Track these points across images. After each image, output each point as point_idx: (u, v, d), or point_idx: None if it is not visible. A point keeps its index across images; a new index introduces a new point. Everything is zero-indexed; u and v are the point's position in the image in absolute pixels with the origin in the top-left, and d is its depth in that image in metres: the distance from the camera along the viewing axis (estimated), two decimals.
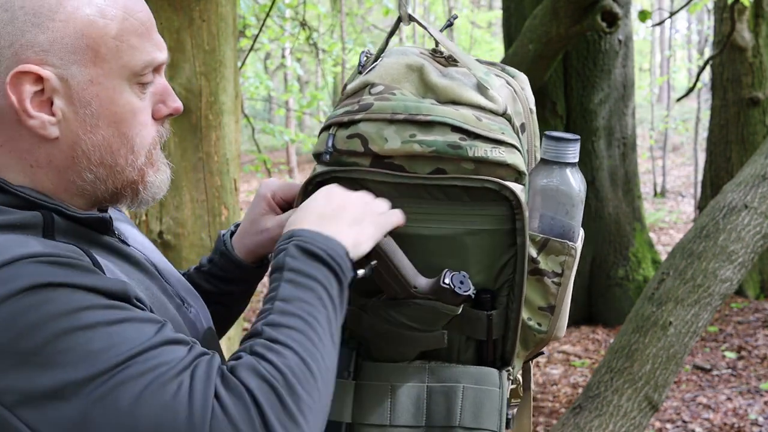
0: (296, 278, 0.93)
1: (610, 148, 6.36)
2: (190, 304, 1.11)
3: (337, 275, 0.96)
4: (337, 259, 0.97)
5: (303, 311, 0.91)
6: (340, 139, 1.09)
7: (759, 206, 3.17)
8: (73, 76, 0.91)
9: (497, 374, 1.14)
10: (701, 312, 3.14)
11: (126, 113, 0.95)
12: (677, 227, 10.26)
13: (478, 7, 20.82)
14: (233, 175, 2.89)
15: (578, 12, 4.96)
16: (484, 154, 1.06)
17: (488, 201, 1.08)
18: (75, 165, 0.94)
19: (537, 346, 1.21)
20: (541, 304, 1.17)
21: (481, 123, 1.07)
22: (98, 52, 0.92)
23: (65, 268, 0.84)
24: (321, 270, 0.95)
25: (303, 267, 0.94)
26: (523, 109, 1.17)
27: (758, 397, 4.74)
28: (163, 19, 2.64)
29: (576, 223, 1.16)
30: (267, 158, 6.73)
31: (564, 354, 5.73)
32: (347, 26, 10.50)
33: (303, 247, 0.96)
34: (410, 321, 1.11)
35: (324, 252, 0.96)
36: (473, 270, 1.11)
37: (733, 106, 6.77)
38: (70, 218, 0.94)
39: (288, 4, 6.62)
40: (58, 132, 0.92)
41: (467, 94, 1.11)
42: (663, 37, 20.78)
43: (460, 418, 1.12)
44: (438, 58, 1.20)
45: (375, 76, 1.15)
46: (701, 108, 11.56)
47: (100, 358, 0.80)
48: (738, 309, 6.39)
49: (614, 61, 6.29)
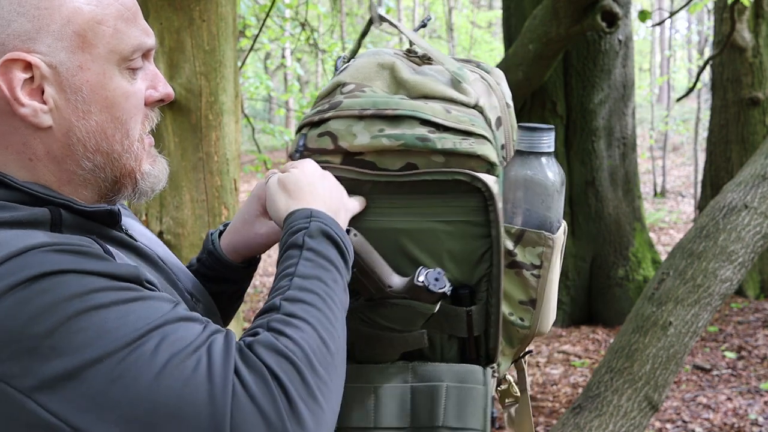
0: (315, 258, 0.95)
1: (610, 148, 6.36)
2: (198, 300, 1.11)
3: (346, 262, 0.98)
4: (348, 248, 0.99)
5: (321, 290, 0.91)
6: (311, 138, 1.11)
7: (759, 206, 3.17)
8: (62, 63, 0.91)
9: (481, 371, 1.13)
10: (701, 312, 3.14)
11: (118, 97, 0.95)
12: (677, 227, 10.26)
13: (478, 7, 20.82)
14: (233, 175, 2.89)
15: (578, 12, 4.96)
16: (453, 145, 1.06)
17: (460, 193, 1.08)
18: (72, 153, 0.94)
19: (522, 343, 1.20)
20: (521, 298, 1.16)
21: (450, 115, 1.07)
22: (85, 37, 0.92)
23: (75, 254, 0.83)
24: (336, 256, 0.97)
25: (322, 249, 0.96)
26: (499, 103, 1.17)
27: (758, 397, 4.74)
28: (163, 19, 2.64)
29: (554, 213, 1.15)
30: (267, 158, 6.73)
31: (564, 354, 5.73)
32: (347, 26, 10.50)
33: (323, 230, 0.98)
34: (388, 322, 1.11)
35: (339, 238, 0.98)
36: (449, 264, 1.11)
37: (733, 106, 6.77)
38: (78, 213, 0.94)
39: (288, 4, 6.62)
40: (51, 120, 0.92)
41: (438, 88, 1.11)
42: (663, 37, 20.78)
43: (443, 417, 1.12)
44: (412, 57, 1.20)
45: (346, 75, 1.16)
46: (701, 108, 11.56)
47: (115, 335, 0.79)
48: (738, 309, 6.39)
49: (614, 61, 6.28)
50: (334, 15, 10.17)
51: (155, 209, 2.79)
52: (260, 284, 8.13)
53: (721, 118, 6.94)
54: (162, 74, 2.75)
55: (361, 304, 1.12)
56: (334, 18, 10.18)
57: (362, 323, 1.12)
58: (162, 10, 2.63)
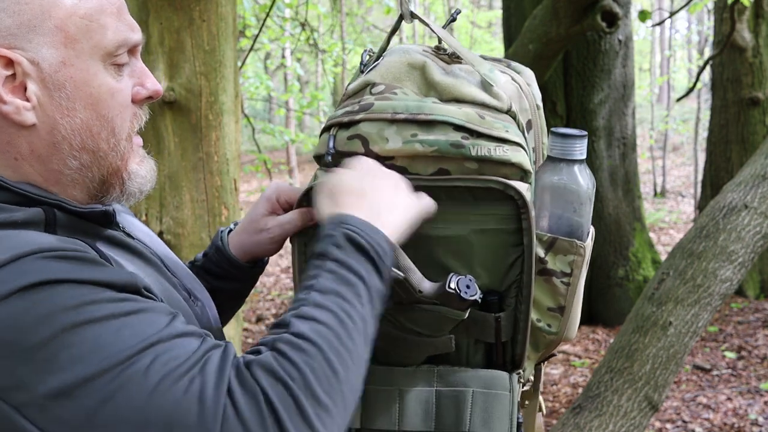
0: (338, 270, 0.90)
1: (610, 148, 6.36)
2: (197, 298, 1.10)
3: (380, 272, 0.93)
4: (382, 255, 0.94)
5: (338, 307, 0.87)
6: (340, 140, 1.08)
7: (759, 206, 3.17)
8: (44, 59, 0.89)
9: (507, 378, 1.12)
10: (701, 312, 3.14)
11: (103, 94, 0.93)
12: (677, 227, 10.26)
13: (478, 7, 20.81)
14: (233, 175, 2.89)
15: (578, 12, 4.96)
16: (488, 153, 1.04)
17: (493, 200, 1.06)
18: (57, 152, 0.92)
19: (548, 348, 1.19)
20: (550, 305, 1.15)
21: (485, 121, 1.05)
22: (68, 32, 0.90)
23: (72, 262, 0.82)
24: (365, 265, 0.92)
25: (347, 259, 0.91)
26: (529, 106, 1.15)
27: (758, 397, 4.74)
28: (163, 19, 2.64)
29: (585, 221, 1.14)
30: (267, 158, 6.72)
31: (564, 354, 5.73)
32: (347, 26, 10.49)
33: (351, 237, 0.93)
34: (416, 326, 1.10)
35: (371, 246, 0.93)
36: (479, 271, 1.09)
37: (733, 106, 6.77)
38: (72, 213, 0.92)
39: (288, 4, 6.61)
40: (35, 118, 0.90)
41: (470, 91, 1.09)
42: (663, 37, 20.77)
43: (469, 424, 1.10)
44: (441, 55, 1.17)
45: (376, 75, 1.13)
46: (701, 108, 11.55)
47: (108, 352, 0.78)
48: (738, 309, 6.39)
49: (614, 61, 6.28)
50: (334, 15, 10.17)
51: (155, 209, 2.79)
52: (260, 284, 8.12)
53: (721, 118, 6.94)
54: (162, 74, 2.75)
55: (390, 307, 1.09)
56: (334, 18, 10.17)
57: (389, 325, 1.11)
58: (162, 10, 2.63)
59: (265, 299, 7.58)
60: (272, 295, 7.65)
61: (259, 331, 6.59)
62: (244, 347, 5.39)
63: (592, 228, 1.18)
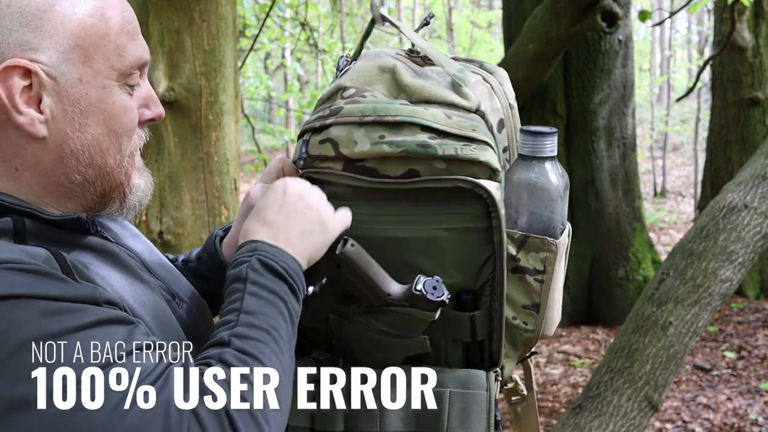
0: (259, 292, 0.94)
1: (610, 148, 6.36)
2: (182, 299, 1.09)
3: (295, 292, 0.98)
4: (295, 277, 0.98)
5: (268, 325, 0.92)
6: (312, 144, 1.10)
7: (759, 206, 3.17)
8: (62, 74, 0.90)
9: (485, 376, 1.13)
10: (701, 312, 3.14)
11: (116, 111, 0.95)
12: (677, 227, 10.26)
13: (478, 7, 20.82)
14: (233, 175, 2.89)
15: (578, 12, 4.96)
16: (455, 152, 1.05)
17: (462, 199, 1.07)
18: (63, 166, 0.93)
19: (526, 346, 1.20)
20: (525, 303, 1.15)
21: (451, 120, 1.06)
22: (87, 51, 0.92)
23: (29, 275, 0.82)
24: (282, 286, 0.96)
25: (266, 282, 0.95)
26: (501, 106, 1.16)
27: (758, 397, 4.74)
28: (163, 19, 2.64)
29: (558, 217, 1.14)
30: (267, 158, 6.73)
31: (564, 354, 5.73)
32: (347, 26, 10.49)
33: (265, 262, 0.97)
34: (389, 328, 1.10)
35: (284, 270, 0.97)
36: (452, 270, 1.10)
37: (733, 106, 6.77)
38: (43, 221, 0.92)
39: (288, 4, 6.62)
40: (46, 131, 0.91)
41: (439, 92, 1.10)
42: (663, 37, 20.77)
43: (448, 423, 1.11)
44: (414, 58, 1.19)
45: (347, 79, 1.15)
46: (701, 108, 11.55)
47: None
48: (738, 309, 6.39)
49: (614, 61, 6.28)
50: (334, 15, 10.17)
51: (155, 209, 2.79)
52: None
53: (721, 118, 6.94)
54: (162, 74, 2.75)
55: (362, 310, 1.11)
56: (334, 18, 10.18)
57: (363, 328, 1.12)
58: (162, 10, 2.63)
59: None
60: None
61: None
62: None
63: (568, 224, 1.18)
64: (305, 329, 1.14)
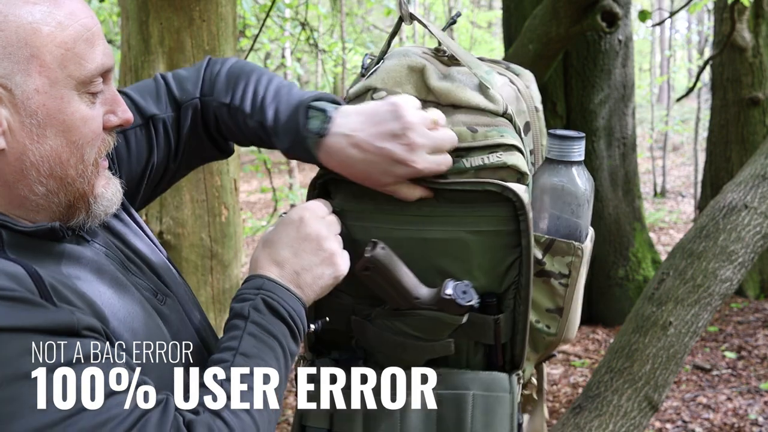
0: (258, 333, 0.96)
1: (610, 148, 6.36)
2: (166, 294, 1.08)
3: (294, 335, 1.00)
4: (297, 320, 1.00)
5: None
6: None
7: (759, 206, 3.17)
8: (17, 86, 0.88)
9: (507, 379, 1.12)
10: (701, 312, 3.14)
11: (75, 122, 0.92)
12: (677, 227, 10.26)
13: (478, 7, 20.81)
14: (233, 175, 2.89)
15: (578, 12, 4.96)
16: (482, 162, 1.06)
17: (490, 202, 1.07)
18: (24, 178, 0.91)
19: (547, 349, 1.19)
20: (548, 306, 1.15)
21: (477, 134, 1.06)
22: (43, 61, 0.89)
23: (7, 305, 0.80)
24: (282, 329, 0.98)
25: (266, 323, 0.97)
26: (527, 108, 1.15)
27: (758, 397, 4.74)
28: (163, 19, 2.64)
29: (583, 222, 1.14)
30: (267, 158, 6.72)
31: (564, 354, 5.73)
32: (347, 26, 10.49)
33: (270, 303, 0.99)
34: (415, 331, 1.10)
35: (287, 313, 0.99)
36: (478, 273, 1.09)
37: (733, 106, 6.77)
38: (18, 233, 0.91)
39: (288, 4, 6.62)
40: (4, 143, 0.89)
41: (466, 95, 1.09)
42: (663, 37, 20.76)
43: (471, 426, 1.10)
44: (441, 57, 1.18)
45: (377, 80, 1.14)
46: (701, 108, 11.55)
47: (42, 413, 0.78)
48: (738, 309, 6.39)
49: (614, 61, 6.28)
50: (334, 15, 10.16)
51: (155, 209, 2.79)
52: None
53: (721, 118, 6.94)
54: None
55: (388, 312, 1.11)
56: (334, 18, 10.17)
57: (388, 330, 1.11)
58: (162, 10, 2.63)
59: None
60: None
61: None
62: None
63: (591, 229, 1.18)
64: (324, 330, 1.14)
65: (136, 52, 2.75)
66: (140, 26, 2.72)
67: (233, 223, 2.96)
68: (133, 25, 2.75)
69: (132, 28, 2.76)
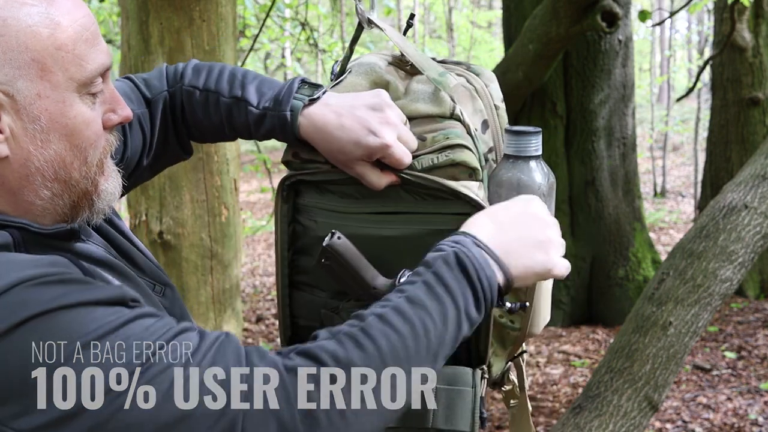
0: (435, 285, 0.93)
1: (610, 148, 6.36)
2: (164, 284, 1.10)
3: (478, 300, 0.95)
4: (485, 285, 0.95)
5: (419, 320, 0.90)
6: None
7: (759, 206, 3.17)
8: (19, 91, 0.88)
9: (470, 373, 1.14)
10: (701, 312, 3.14)
11: (78, 125, 0.92)
12: (677, 227, 10.26)
13: (478, 7, 20.82)
14: (233, 175, 2.89)
15: (578, 12, 4.96)
16: (431, 162, 1.10)
17: (445, 200, 1.11)
18: (30, 184, 0.91)
19: (515, 344, 1.21)
20: (511, 302, 1.16)
21: (426, 142, 1.11)
22: (44, 65, 0.88)
23: (60, 285, 0.81)
24: (464, 287, 0.94)
25: (447, 278, 0.93)
26: (485, 106, 1.19)
27: (758, 397, 4.74)
28: (163, 19, 2.64)
29: None
30: (267, 158, 6.71)
31: (564, 354, 5.73)
32: (347, 26, 10.49)
33: (460, 259, 0.95)
34: None
35: (477, 275, 0.94)
36: None
37: (733, 106, 6.77)
38: (36, 234, 0.92)
39: (288, 4, 6.62)
40: (8, 150, 0.89)
41: (416, 106, 1.14)
42: (663, 37, 20.76)
43: (432, 420, 1.12)
44: (404, 66, 1.22)
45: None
46: (701, 108, 11.55)
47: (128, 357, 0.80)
48: (738, 309, 6.39)
49: (614, 61, 6.28)
50: (334, 15, 10.16)
51: (155, 209, 2.79)
52: (260, 284, 8.12)
53: (721, 118, 6.94)
54: None
55: (351, 304, 1.13)
56: (334, 18, 10.17)
57: None
58: (162, 10, 2.63)
59: (265, 299, 7.58)
60: (272, 295, 7.64)
61: (259, 331, 6.59)
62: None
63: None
64: (302, 327, 1.18)
65: (136, 52, 2.75)
66: (140, 26, 2.72)
67: (233, 223, 2.96)
68: (133, 25, 2.76)
69: (132, 28, 2.76)
